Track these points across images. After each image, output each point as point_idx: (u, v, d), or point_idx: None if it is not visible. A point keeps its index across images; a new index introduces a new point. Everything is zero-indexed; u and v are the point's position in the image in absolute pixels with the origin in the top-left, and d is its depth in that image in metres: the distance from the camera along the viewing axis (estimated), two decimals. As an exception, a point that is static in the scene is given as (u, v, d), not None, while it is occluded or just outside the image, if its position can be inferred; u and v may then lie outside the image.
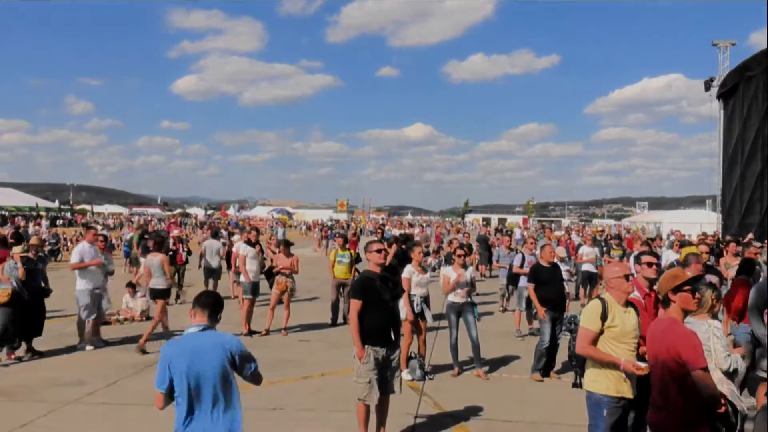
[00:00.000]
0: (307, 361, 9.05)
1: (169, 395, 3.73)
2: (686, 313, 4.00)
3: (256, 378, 3.88)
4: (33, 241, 9.79)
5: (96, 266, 9.75)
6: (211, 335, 3.79)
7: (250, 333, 10.65)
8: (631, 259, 11.44)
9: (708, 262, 9.52)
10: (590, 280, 14.25)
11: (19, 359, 8.79)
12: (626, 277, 4.52)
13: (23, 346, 9.03)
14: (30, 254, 9.17)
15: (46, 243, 23.13)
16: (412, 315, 8.11)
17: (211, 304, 3.88)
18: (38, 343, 9.25)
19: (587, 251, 14.42)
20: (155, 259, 9.99)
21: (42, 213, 52.94)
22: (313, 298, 15.16)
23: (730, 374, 4.59)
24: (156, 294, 9.88)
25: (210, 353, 3.69)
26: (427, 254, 16.46)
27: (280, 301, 10.95)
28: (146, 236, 16.78)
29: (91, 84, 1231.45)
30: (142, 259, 15.35)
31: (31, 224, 36.00)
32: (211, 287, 13.99)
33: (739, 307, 7.08)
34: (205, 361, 3.67)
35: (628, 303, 4.59)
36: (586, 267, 14.25)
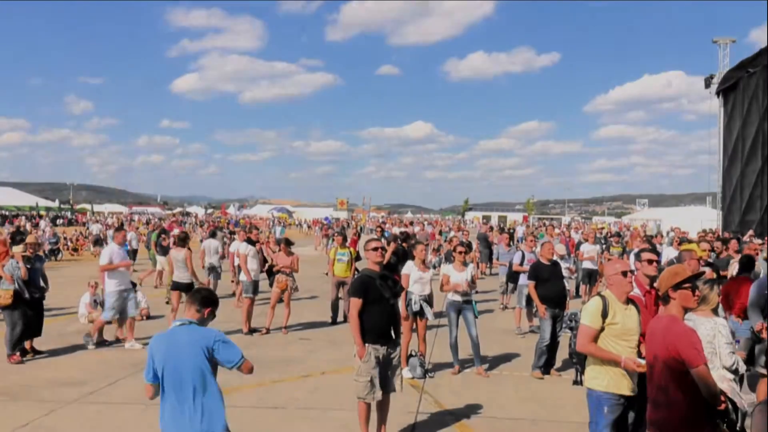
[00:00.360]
0: (308, 359, 9.06)
1: (157, 386, 3.82)
2: (686, 310, 4.00)
3: (245, 367, 3.86)
4: (30, 239, 9.77)
5: (125, 268, 9.84)
6: (191, 330, 3.82)
7: (251, 332, 10.66)
8: (631, 256, 11.45)
9: (709, 260, 9.53)
10: (590, 277, 14.26)
11: (21, 360, 8.79)
12: (624, 273, 4.53)
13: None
14: (28, 253, 9.17)
15: (46, 243, 23.21)
16: (404, 312, 8.09)
17: (199, 300, 3.93)
18: (38, 343, 9.25)
19: (588, 248, 14.44)
20: (179, 254, 10.56)
21: (42, 212, 52.99)
22: (314, 296, 15.17)
23: (732, 372, 4.58)
24: (179, 287, 10.40)
25: (187, 348, 3.74)
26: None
27: (280, 300, 10.96)
28: (163, 235, 16.92)
29: (91, 83, 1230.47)
30: (160, 258, 15.43)
31: (28, 224, 35.99)
32: (211, 285, 14.00)
33: (745, 304, 7.08)
34: (182, 356, 3.74)
35: (629, 300, 4.59)
36: (587, 264, 14.27)
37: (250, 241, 11.79)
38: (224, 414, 3.84)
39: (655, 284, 5.08)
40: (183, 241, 10.95)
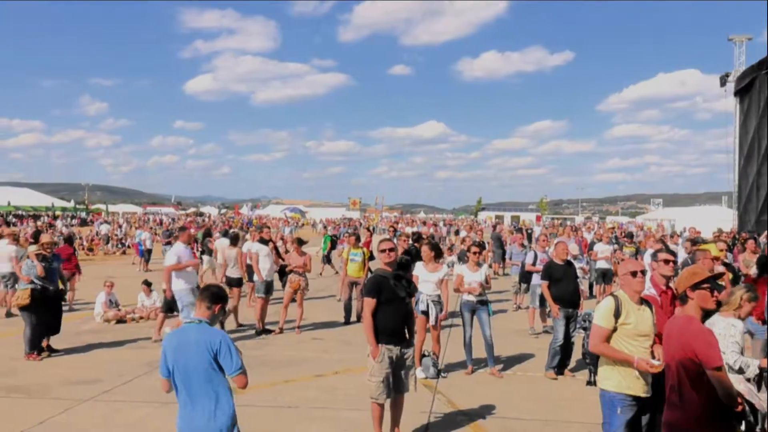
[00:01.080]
0: (321, 359, 9.06)
1: (173, 381, 3.89)
2: (704, 311, 3.94)
3: (238, 380, 3.83)
4: (45, 239, 9.84)
5: (192, 267, 9.93)
6: (198, 330, 3.85)
7: (265, 331, 10.69)
8: (646, 256, 11.35)
9: (726, 260, 9.42)
10: (604, 277, 14.17)
11: (37, 358, 8.86)
12: (634, 273, 4.47)
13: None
14: (44, 252, 9.23)
15: (61, 242, 23.37)
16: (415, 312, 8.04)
17: (209, 297, 3.96)
18: (54, 341, 9.32)
19: (602, 248, 14.35)
20: (232, 252, 11.62)
21: (58, 213, 53.48)
22: (327, 296, 15.19)
23: (737, 372, 4.53)
24: (232, 282, 11.50)
25: (194, 348, 3.79)
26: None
27: (293, 300, 10.96)
28: (208, 237, 17.13)
29: (105, 84, 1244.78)
30: (206, 258, 15.67)
31: (37, 224, 36.26)
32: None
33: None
34: (189, 355, 3.79)
35: (643, 300, 4.55)
36: (601, 264, 14.18)
37: (263, 241, 11.81)
38: (234, 411, 3.86)
39: (671, 284, 5.03)
40: (235, 239, 11.89)
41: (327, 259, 20.78)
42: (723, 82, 28.60)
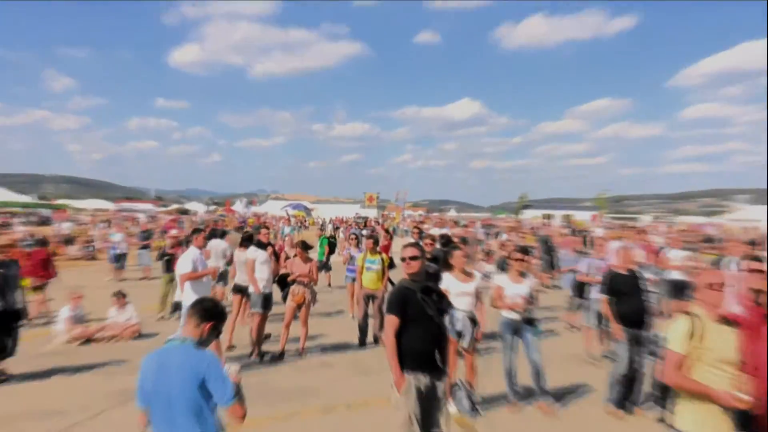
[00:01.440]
0: (330, 389, 9.06)
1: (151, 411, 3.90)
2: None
3: (233, 410, 3.82)
4: (3, 241, 9.95)
5: (208, 276, 10.02)
6: (183, 351, 3.86)
7: (262, 355, 10.69)
8: (732, 265, 11.20)
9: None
10: (678, 290, 14.00)
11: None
12: (714, 286, 4.42)
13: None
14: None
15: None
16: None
17: (200, 313, 3.97)
18: (9, 365, 9.40)
19: (675, 255, 14.20)
20: (242, 254, 12.11)
21: (16, 210, 53.98)
22: (338, 311, 15.19)
23: None
24: (241, 290, 12.08)
25: (177, 373, 3.80)
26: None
27: (296, 317, 10.95)
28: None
29: (74, 56, 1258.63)
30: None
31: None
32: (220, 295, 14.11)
33: None
34: (172, 381, 3.79)
35: (726, 319, 4.48)
36: (675, 274, 14.02)
37: (260, 245, 11.66)
38: None
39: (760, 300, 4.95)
40: (248, 240, 12.46)
41: (325, 267, 20.70)
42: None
